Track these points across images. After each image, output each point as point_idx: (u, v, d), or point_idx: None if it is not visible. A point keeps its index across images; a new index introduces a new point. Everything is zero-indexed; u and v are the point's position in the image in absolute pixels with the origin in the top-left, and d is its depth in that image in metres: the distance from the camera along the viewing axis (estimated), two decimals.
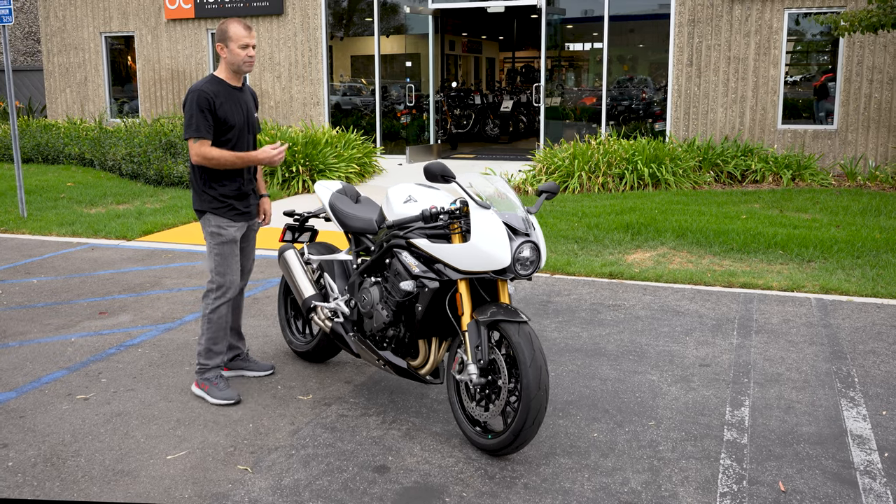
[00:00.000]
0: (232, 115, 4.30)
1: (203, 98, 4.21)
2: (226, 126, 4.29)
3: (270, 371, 4.79)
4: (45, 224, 9.29)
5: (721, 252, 7.61)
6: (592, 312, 5.94)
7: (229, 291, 4.40)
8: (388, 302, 4.09)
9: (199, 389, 4.47)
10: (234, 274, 4.41)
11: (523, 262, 3.69)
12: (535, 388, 3.55)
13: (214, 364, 4.46)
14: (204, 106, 4.21)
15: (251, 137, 4.49)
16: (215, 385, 4.42)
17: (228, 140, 4.33)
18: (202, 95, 4.21)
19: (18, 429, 4.12)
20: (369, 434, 4.02)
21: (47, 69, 17.57)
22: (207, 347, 4.44)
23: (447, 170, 3.76)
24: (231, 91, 4.34)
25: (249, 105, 4.46)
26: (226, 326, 4.45)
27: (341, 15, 15.64)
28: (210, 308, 4.40)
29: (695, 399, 4.39)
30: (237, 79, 4.38)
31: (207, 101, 4.21)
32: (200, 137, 4.21)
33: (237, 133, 4.35)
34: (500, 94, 21.01)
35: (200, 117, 4.20)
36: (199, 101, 4.21)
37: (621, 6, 13.71)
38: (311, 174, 11.77)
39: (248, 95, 4.50)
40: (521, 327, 3.64)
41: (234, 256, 4.40)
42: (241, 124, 4.36)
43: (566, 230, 8.50)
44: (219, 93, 4.27)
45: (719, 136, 13.08)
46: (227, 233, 4.37)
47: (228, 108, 4.29)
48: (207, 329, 4.42)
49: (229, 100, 4.30)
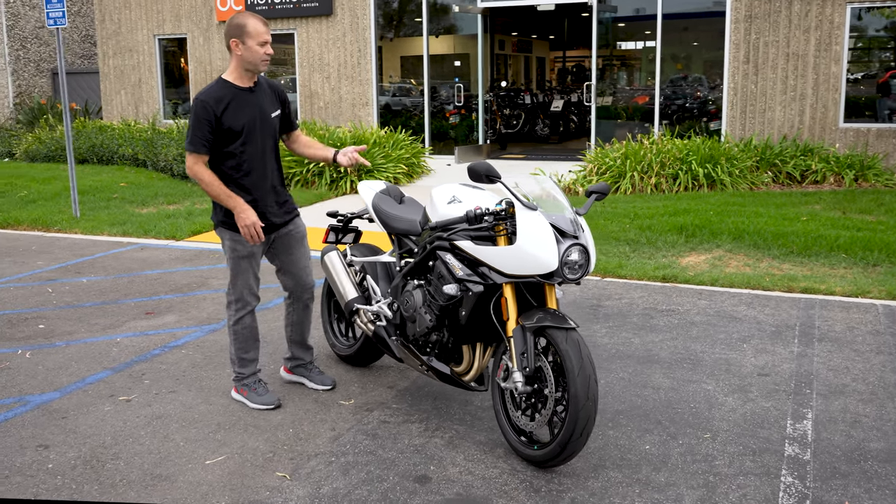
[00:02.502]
0: (237, 120, 4.00)
1: (203, 107, 3.93)
2: (231, 133, 4.00)
3: (331, 387, 4.50)
4: (96, 224, 9.39)
5: (780, 255, 7.32)
6: (645, 317, 5.74)
7: (248, 305, 4.24)
8: (432, 306, 3.96)
9: (239, 395, 4.39)
10: (250, 288, 4.23)
11: (571, 265, 3.53)
12: (583, 398, 3.38)
13: (250, 371, 4.36)
14: (203, 116, 3.93)
15: (268, 141, 4.16)
16: (254, 391, 4.33)
17: (235, 150, 4.04)
18: (203, 105, 3.93)
19: (60, 430, 4.09)
20: (411, 442, 3.90)
21: (103, 71, 17.88)
22: (239, 357, 4.34)
23: (492, 169, 3.62)
24: (240, 93, 4.03)
25: (263, 105, 4.12)
26: (253, 336, 4.32)
27: (390, 15, 15.59)
28: (232, 320, 4.27)
29: (753, 411, 4.17)
30: (249, 78, 4.07)
31: (207, 111, 3.93)
32: (194, 151, 3.96)
33: (245, 138, 4.04)
34: (551, 93, 20.76)
35: (198, 129, 3.94)
36: (199, 110, 3.94)
37: (675, 4, 13.40)
38: (359, 175, 11.72)
39: (263, 95, 4.14)
40: (568, 334, 3.48)
41: (250, 271, 4.20)
42: (251, 128, 4.05)
43: (617, 232, 8.28)
44: (223, 97, 3.98)
45: (777, 136, 12.68)
46: (241, 248, 4.16)
47: (234, 113, 4.00)
48: (234, 340, 4.30)
49: (237, 104, 4.01)
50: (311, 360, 4.61)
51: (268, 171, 4.18)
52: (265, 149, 4.15)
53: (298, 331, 4.53)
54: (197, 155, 3.99)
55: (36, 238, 8.96)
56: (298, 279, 4.41)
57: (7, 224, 9.64)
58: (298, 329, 4.53)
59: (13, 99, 20.14)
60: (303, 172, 11.70)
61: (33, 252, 8.24)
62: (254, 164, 4.11)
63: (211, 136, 3.98)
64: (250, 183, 4.11)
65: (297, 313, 4.49)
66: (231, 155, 4.06)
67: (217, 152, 4.06)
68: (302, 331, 4.54)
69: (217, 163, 4.09)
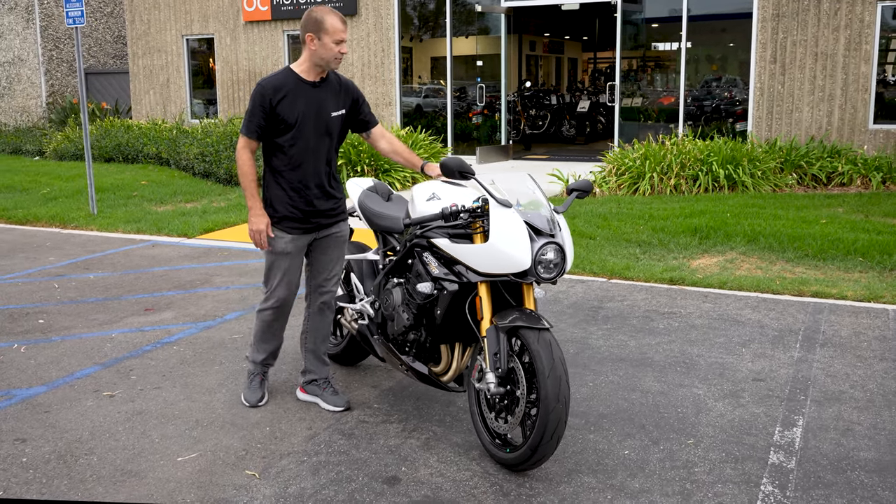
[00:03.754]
0: (292, 112, 3.88)
1: (261, 94, 3.87)
2: (283, 125, 3.89)
3: (345, 408, 4.20)
4: (112, 221, 9.47)
5: (795, 258, 7.13)
6: (644, 320, 5.61)
7: (278, 303, 4.14)
8: (409, 304, 3.89)
9: None
10: (282, 288, 4.11)
11: (546, 264, 3.44)
12: (553, 400, 3.29)
13: (259, 359, 4.31)
14: (259, 102, 3.87)
15: (323, 139, 4.00)
16: (250, 383, 4.33)
17: (286, 143, 3.93)
18: (261, 91, 3.87)
19: (40, 424, 4.10)
20: (386, 442, 3.84)
21: (132, 71, 18.11)
22: (256, 342, 4.31)
23: (464, 165, 3.54)
24: (303, 86, 3.91)
25: (325, 101, 3.97)
26: (273, 331, 4.25)
27: (414, 16, 15.57)
28: (259, 307, 4.23)
29: (742, 417, 4.04)
30: (317, 73, 3.94)
31: (264, 98, 3.86)
32: (246, 135, 3.92)
33: (297, 132, 3.91)
34: (579, 94, 20.58)
35: (253, 115, 3.89)
36: (256, 96, 3.88)
37: (701, 4, 13.18)
38: (377, 174, 11.69)
39: (329, 91, 4.00)
40: (541, 334, 3.39)
41: (282, 270, 4.08)
42: (304, 122, 3.91)
43: (630, 233, 8.14)
44: (283, 87, 3.88)
45: (804, 137, 12.40)
46: (277, 244, 4.05)
47: (291, 104, 3.88)
48: (256, 324, 4.28)
49: (297, 95, 3.89)
50: (325, 377, 4.31)
51: (320, 169, 4.03)
52: (319, 146, 4.00)
53: (313, 339, 4.29)
54: (247, 139, 3.93)
55: (52, 234, 9.07)
56: (322, 282, 4.22)
57: (26, 220, 9.77)
58: (313, 338, 4.28)
59: (46, 98, 20.49)
60: None
61: (47, 248, 8.33)
62: (303, 159, 3.97)
63: (264, 123, 3.89)
64: (297, 178, 3.98)
65: (314, 319, 4.27)
66: (280, 147, 3.95)
67: (269, 142, 3.98)
68: (316, 340, 4.29)
69: (268, 153, 4.02)
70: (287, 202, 4.00)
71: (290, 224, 4.02)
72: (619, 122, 13.88)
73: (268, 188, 4.06)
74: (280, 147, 3.95)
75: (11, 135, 18.41)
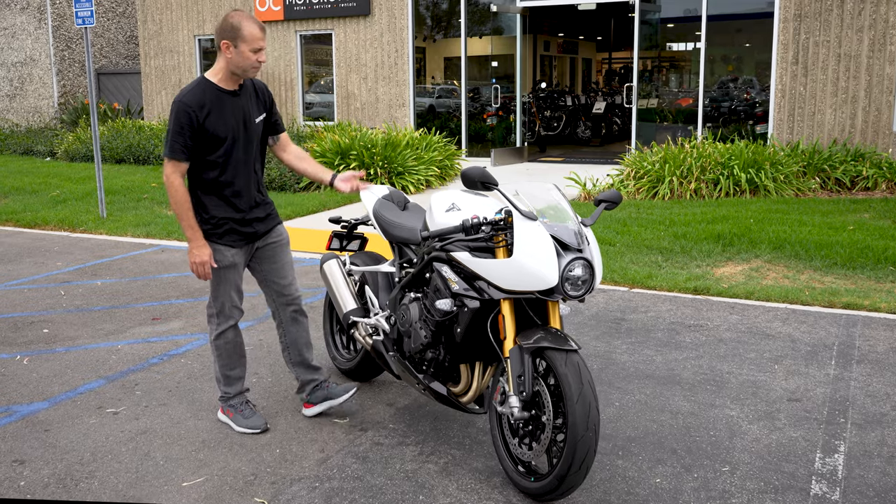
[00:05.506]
0: (221, 126, 3.71)
1: (185, 111, 3.62)
2: (215, 140, 3.71)
3: (354, 391, 4.11)
4: (121, 225, 9.31)
5: (823, 267, 6.88)
6: (670, 333, 5.38)
7: (231, 318, 3.96)
8: (427, 321, 3.69)
9: (225, 416, 4.10)
10: (232, 301, 3.94)
11: (573, 281, 3.23)
12: (582, 428, 3.08)
13: (236, 391, 4.06)
14: (184, 121, 3.62)
15: (253, 147, 3.87)
16: (240, 412, 4.04)
17: (218, 158, 3.74)
18: (185, 109, 3.62)
19: (40, 444, 3.91)
20: (403, 467, 3.63)
21: (144, 72, 17.99)
22: (224, 374, 4.04)
23: (487, 175, 3.33)
24: (223, 97, 3.72)
25: (248, 109, 3.83)
26: (237, 352, 4.03)
27: (428, 16, 15.36)
28: (214, 334, 3.97)
29: (779, 441, 3.81)
30: (234, 81, 3.76)
31: (189, 116, 3.62)
32: (173, 158, 3.66)
33: (230, 146, 3.75)
34: (595, 95, 20.33)
35: (178, 135, 3.64)
36: (180, 115, 3.63)
37: (721, 4, 12.92)
38: (390, 177, 11.50)
39: (248, 98, 3.85)
40: (568, 356, 3.17)
41: (232, 283, 3.91)
42: (236, 135, 3.77)
43: (650, 239, 7.91)
44: (205, 103, 3.67)
45: (827, 140, 12.12)
46: (221, 259, 3.87)
47: (217, 118, 3.69)
48: (217, 357, 4.01)
49: (220, 108, 3.71)
50: (324, 378, 4.16)
51: (251, 179, 3.89)
52: (249, 156, 3.85)
53: (296, 351, 4.12)
54: (176, 163, 3.67)
55: (60, 238, 8.91)
56: (282, 290, 4.06)
57: (35, 223, 9.63)
58: (296, 349, 4.12)
59: (58, 99, 20.40)
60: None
61: (54, 252, 8.17)
62: (237, 171, 3.82)
63: (192, 142, 3.67)
64: (233, 192, 3.82)
65: (289, 332, 4.10)
66: (213, 164, 3.76)
67: (198, 160, 3.75)
68: (300, 350, 4.12)
69: (199, 171, 3.78)
70: (226, 216, 3.83)
71: (232, 238, 3.88)
72: (636, 124, 13.63)
73: (204, 208, 3.83)
74: (211, 163, 3.76)
75: (23, 135, 18.33)
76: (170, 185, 3.69)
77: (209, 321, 4.02)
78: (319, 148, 11.98)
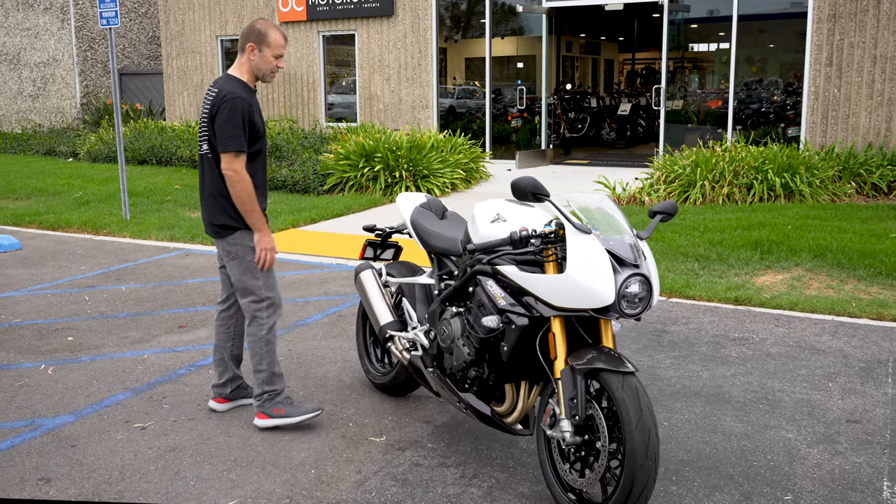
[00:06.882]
0: (259, 122, 3.97)
1: (243, 105, 3.83)
2: (255, 135, 3.93)
3: None
4: (145, 228, 9.20)
5: (867, 277, 6.64)
6: (715, 346, 5.18)
7: (279, 308, 4.07)
8: (471, 337, 3.50)
9: (271, 419, 4.04)
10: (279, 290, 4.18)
11: (630, 299, 3.04)
12: (641, 456, 2.89)
13: (282, 387, 4.09)
14: (245, 115, 3.85)
15: None
16: (290, 405, 4.05)
17: (259, 150, 3.98)
18: (242, 104, 3.83)
19: (66, 460, 3.77)
20: (445, 491, 3.45)
21: (166, 72, 17.93)
22: (271, 372, 4.04)
23: (539, 186, 3.14)
24: (253, 95, 4.01)
25: None
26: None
27: (453, 16, 15.19)
28: (266, 329, 4.01)
29: (843, 467, 3.60)
30: (253, 82, 4.04)
31: (245, 110, 3.85)
32: (241, 150, 3.84)
33: (262, 142, 3.99)
34: (618, 96, 20.07)
35: (238, 128, 3.82)
36: (240, 108, 3.83)
37: (752, 4, 12.66)
38: (415, 180, 11.33)
39: None
40: (626, 379, 2.98)
41: None
42: (263, 131, 4.00)
43: (686, 246, 7.69)
44: (251, 99, 3.94)
45: (862, 143, 11.84)
46: None
47: (257, 114, 3.96)
48: (267, 352, 4.02)
49: (256, 105, 3.98)
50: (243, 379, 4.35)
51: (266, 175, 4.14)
52: (266, 153, 4.11)
53: (238, 345, 4.28)
54: (242, 156, 3.85)
55: (84, 241, 8.81)
56: None
57: (58, 226, 9.53)
58: (239, 343, 4.28)
59: (80, 99, 20.39)
60: (357, 177, 11.37)
61: (78, 256, 8.07)
62: (262, 166, 4.05)
63: (248, 136, 3.88)
64: (259, 184, 4.01)
65: (241, 324, 4.24)
66: (250, 158, 3.94)
67: None
68: (241, 346, 4.30)
69: None
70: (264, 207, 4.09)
71: None
72: (664, 126, 13.39)
73: None
74: (250, 157, 3.97)
75: (46, 136, 18.32)
76: (241, 178, 3.84)
77: (255, 317, 4.01)
78: (343, 150, 11.84)
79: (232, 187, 3.83)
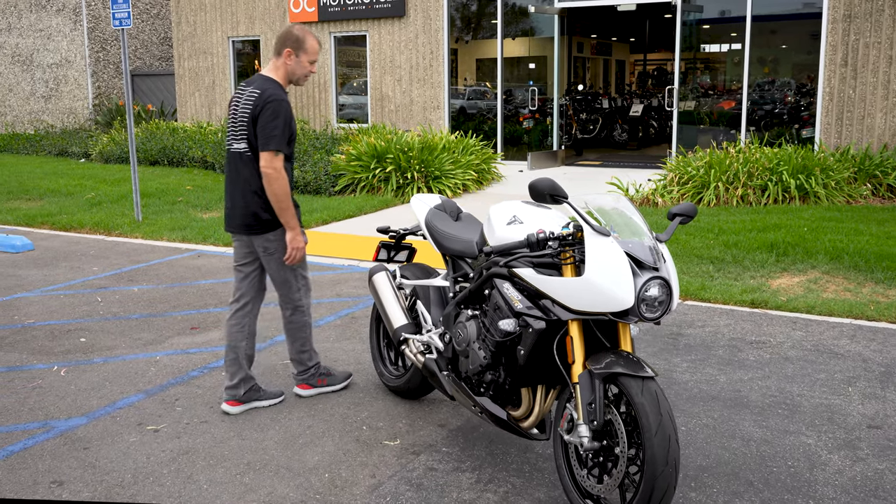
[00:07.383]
0: (294, 123, 4.12)
1: (288, 109, 4.01)
2: (292, 136, 4.08)
3: (281, 398, 4.40)
4: (157, 229, 9.20)
5: (885, 279, 6.56)
6: (732, 350, 5.12)
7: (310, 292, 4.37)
8: (486, 340, 3.46)
9: (317, 387, 4.42)
10: None
11: (650, 302, 2.99)
12: (661, 463, 2.84)
13: (319, 359, 4.47)
14: (289, 117, 4.03)
15: None
16: (329, 375, 4.44)
17: (292, 153, 4.14)
18: (287, 107, 4.01)
19: (79, 463, 3.75)
20: (460, 496, 3.41)
21: (178, 73, 17.96)
22: (313, 349, 4.44)
23: (557, 188, 3.10)
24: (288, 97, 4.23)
25: None
26: None
27: (464, 17, 15.16)
28: (308, 314, 4.33)
29: (865, 474, 3.54)
30: (286, 85, 4.20)
31: (288, 112, 4.02)
32: (281, 151, 4.00)
33: (295, 142, 4.23)
34: (630, 97, 19.99)
35: (283, 128, 3.99)
36: (285, 109, 4.00)
37: (766, 4, 12.57)
38: (427, 181, 11.30)
39: None
40: (645, 384, 2.94)
41: None
42: (296, 132, 4.15)
43: (700, 248, 7.63)
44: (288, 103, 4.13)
45: (877, 144, 11.74)
46: None
47: (293, 116, 4.11)
48: (309, 335, 4.38)
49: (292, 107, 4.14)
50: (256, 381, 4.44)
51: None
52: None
53: (252, 343, 4.33)
54: (282, 156, 3.99)
55: (96, 242, 8.81)
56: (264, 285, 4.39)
57: (70, 227, 9.54)
58: (252, 342, 4.33)
59: (92, 100, 20.45)
60: (368, 178, 11.35)
61: (90, 257, 8.07)
62: (292, 166, 4.19)
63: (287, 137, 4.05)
64: (291, 181, 4.15)
65: (254, 322, 4.35)
66: (285, 160, 4.08)
67: None
68: (254, 344, 4.39)
69: None
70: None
71: None
72: (677, 127, 13.32)
73: None
74: (289, 159, 4.13)
75: (58, 136, 18.38)
76: (280, 177, 3.97)
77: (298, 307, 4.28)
78: (355, 151, 11.82)
79: (270, 185, 3.94)
